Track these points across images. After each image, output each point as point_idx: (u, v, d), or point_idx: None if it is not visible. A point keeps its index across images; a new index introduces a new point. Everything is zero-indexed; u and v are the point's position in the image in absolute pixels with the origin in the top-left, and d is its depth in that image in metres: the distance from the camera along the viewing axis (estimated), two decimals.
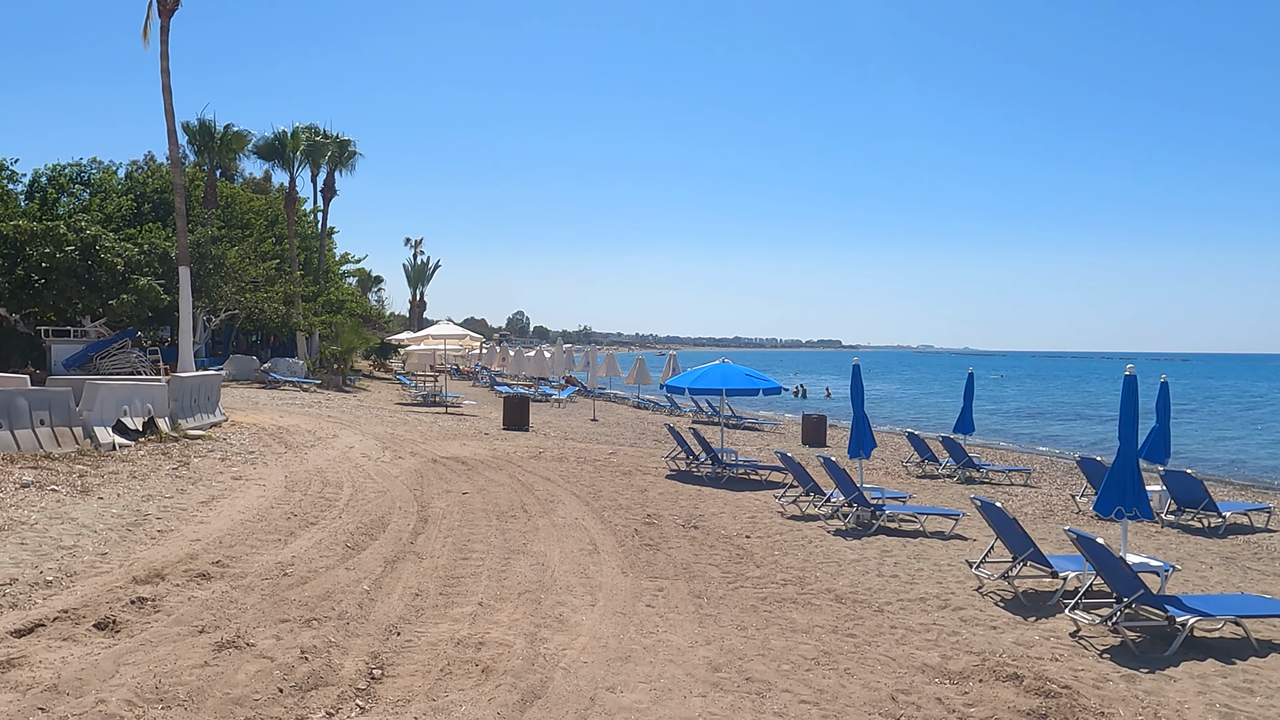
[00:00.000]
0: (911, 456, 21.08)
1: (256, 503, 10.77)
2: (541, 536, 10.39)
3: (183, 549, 8.29)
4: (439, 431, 20.96)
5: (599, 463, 17.48)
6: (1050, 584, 9.31)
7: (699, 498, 14.39)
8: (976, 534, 12.47)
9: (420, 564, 8.62)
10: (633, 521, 11.88)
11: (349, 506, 11.01)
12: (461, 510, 11.51)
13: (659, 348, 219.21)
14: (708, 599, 8.32)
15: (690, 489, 15.22)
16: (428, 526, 10.36)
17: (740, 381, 16.88)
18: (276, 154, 40.51)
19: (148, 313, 31.59)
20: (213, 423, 16.71)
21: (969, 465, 18.76)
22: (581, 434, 23.91)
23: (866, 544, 11.32)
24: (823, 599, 8.59)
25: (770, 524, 12.40)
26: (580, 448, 20.01)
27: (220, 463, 13.31)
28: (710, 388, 16.83)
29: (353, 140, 45.78)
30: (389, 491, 12.34)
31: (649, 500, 13.71)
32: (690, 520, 12.39)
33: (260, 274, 37.74)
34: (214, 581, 7.29)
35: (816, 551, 10.78)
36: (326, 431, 18.13)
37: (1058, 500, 16.56)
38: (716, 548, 10.69)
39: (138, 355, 30.79)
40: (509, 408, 23.65)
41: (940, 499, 15.86)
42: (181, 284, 30.98)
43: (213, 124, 40.17)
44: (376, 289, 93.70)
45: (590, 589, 8.32)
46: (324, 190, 45.41)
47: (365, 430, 19.41)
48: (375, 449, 16.52)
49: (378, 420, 22.24)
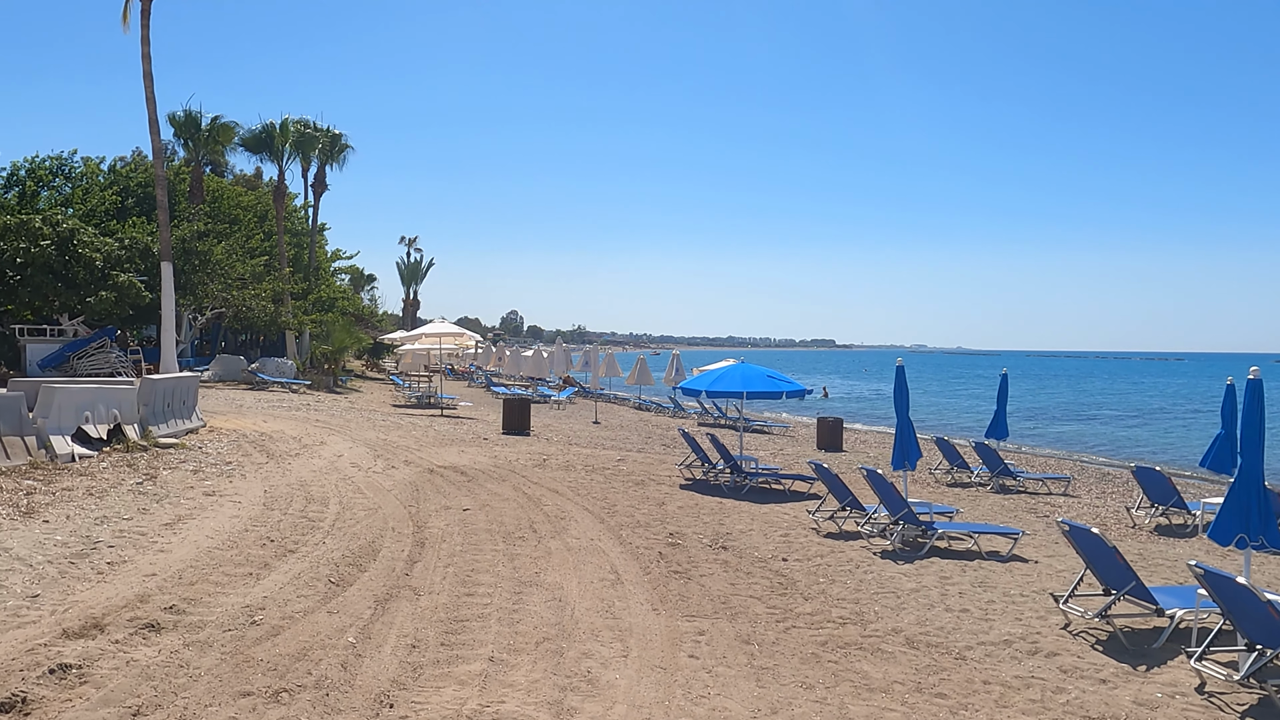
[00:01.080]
0: (939, 463, 19.79)
1: (229, 524, 9.41)
2: (555, 563, 9.07)
3: (133, 588, 6.94)
4: (435, 436, 19.61)
5: (608, 471, 16.16)
6: (1149, 621, 8.01)
7: (722, 511, 13.09)
8: (1035, 553, 11.20)
9: (417, 602, 7.28)
10: (655, 542, 10.57)
11: (335, 528, 9.66)
12: (463, 531, 10.18)
13: (653, 347, 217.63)
14: (759, 645, 7.01)
15: (710, 501, 13.92)
16: (425, 552, 9.02)
17: (762, 384, 15.58)
18: (265, 146, 39.03)
19: (129, 310, 30.15)
20: (189, 429, 15.34)
21: (1004, 473, 17.48)
22: (585, 438, 22.58)
23: (921, 569, 10.02)
24: (892, 643, 7.29)
25: (807, 544, 11.10)
26: (586, 454, 18.70)
27: (192, 475, 11.94)
28: (729, 390, 15.52)
29: (344, 133, 44.38)
30: (381, 509, 11.00)
31: (668, 515, 12.40)
32: (718, 539, 11.09)
33: (247, 271, 36.30)
34: (164, 634, 5.95)
35: (868, 579, 9.47)
36: (313, 438, 16.76)
37: (1107, 513, 15.29)
38: (754, 574, 9.38)
39: (118, 355, 29.37)
40: (509, 411, 22.31)
41: (980, 512, 14.59)
42: (164, 280, 29.55)
43: (199, 115, 38.76)
44: (370, 287, 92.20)
45: (619, 633, 7.00)
46: (314, 185, 43.96)
47: (355, 436, 18.05)
48: (366, 457, 15.16)
49: (369, 424, 20.88)
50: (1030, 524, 13.83)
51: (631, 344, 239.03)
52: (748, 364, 16.27)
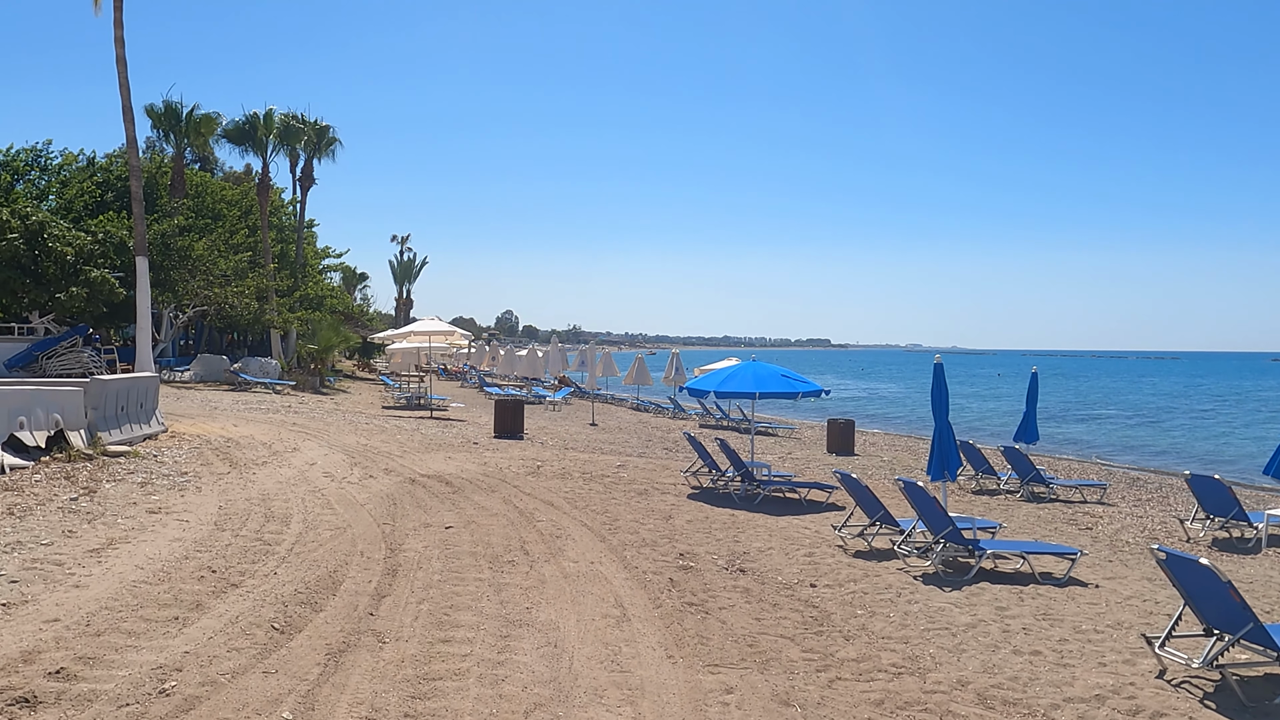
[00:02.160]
0: (962, 468, 18.47)
1: (167, 551, 8.04)
2: (550, 594, 7.72)
3: (22, 640, 5.57)
4: (421, 441, 18.24)
5: (608, 479, 14.82)
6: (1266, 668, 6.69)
7: (735, 526, 11.75)
8: (1091, 574, 9.89)
9: (380, 654, 5.93)
10: (664, 565, 9.24)
11: (293, 553, 8.30)
12: (443, 554, 8.82)
13: (649, 347, 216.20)
14: (801, 706, 5.68)
15: (721, 514, 12.58)
16: (396, 583, 7.66)
17: (775, 384, 14.25)
18: (248, 138, 37.54)
19: (102, 308, 28.71)
20: (146, 435, 13.95)
21: (1036, 480, 16.16)
22: (582, 442, 21.23)
23: (972, 597, 8.69)
24: (962, 701, 5.95)
25: (836, 565, 9.77)
26: (583, 460, 17.35)
27: (139, 489, 10.56)
28: (741, 391, 14.18)
29: (332, 126, 42.92)
30: (350, 527, 9.63)
31: (677, 531, 11.06)
32: (735, 560, 9.76)
33: (230, 267, 34.84)
34: (41, 712, 4.58)
35: (914, 610, 8.14)
36: (286, 443, 15.38)
37: (1153, 524, 13.97)
38: (781, 606, 8.05)
39: (90, 355, 27.91)
40: (501, 413, 20.95)
41: (1016, 524, 13.28)
42: (139, 276, 28.10)
43: (179, 106, 37.30)
44: (362, 286, 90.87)
45: (629, 693, 5.66)
46: (301, 179, 42.52)
47: (333, 441, 16.67)
48: (342, 466, 13.79)
49: (351, 428, 19.49)
50: (1072, 538, 12.53)
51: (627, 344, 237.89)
52: (759, 362, 14.94)
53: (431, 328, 27.19)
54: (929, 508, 9.60)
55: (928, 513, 9.65)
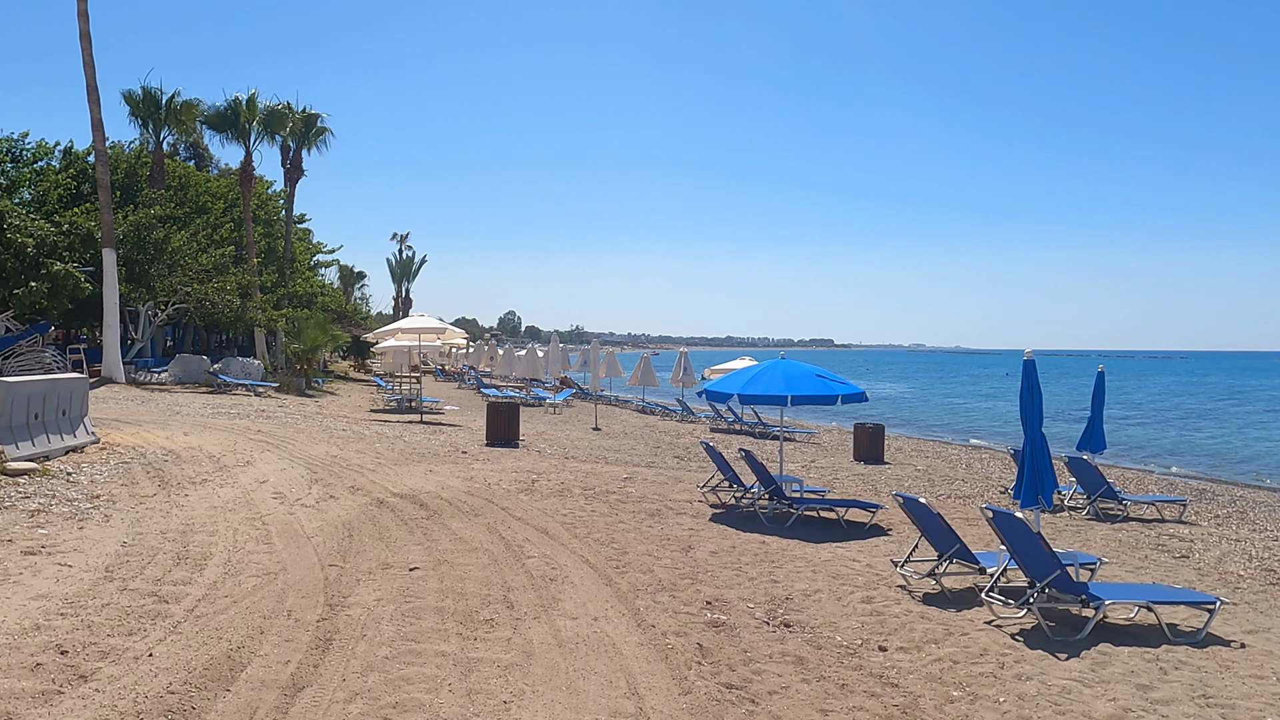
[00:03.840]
0: (1010, 479, 16.36)
1: (18, 615, 5.94)
2: (538, 677, 5.62)
3: None
4: (402, 451, 16.14)
5: (614, 497, 12.71)
6: None
7: (768, 558, 9.66)
8: (1227, 627, 7.77)
9: None
10: (688, 619, 7.14)
11: (192, 616, 6.19)
12: (400, 611, 6.71)
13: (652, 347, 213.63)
14: None
15: (750, 541, 10.48)
16: (325, 664, 5.56)
17: (810, 386, 12.14)
18: (230, 124, 35.41)
19: (66, 304, 26.62)
20: (68, 447, 11.86)
21: (1108, 495, 14.03)
22: (585, 449, 19.13)
23: (1099, 667, 6.58)
24: None
25: (905, 616, 7.66)
26: (585, 471, 15.25)
27: (26, 520, 8.45)
28: (770, 394, 12.06)
29: (322, 115, 40.79)
30: (285, 571, 7.52)
31: (700, 567, 8.96)
32: (776, 609, 7.67)
33: (210, 261, 32.74)
34: None
35: (1029, 691, 6.03)
36: (240, 456, 13.27)
37: (1261, 551, 11.82)
38: (850, 686, 5.96)
39: (53, 355, 25.83)
40: (493, 418, 18.84)
41: (1097, 552, 11.17)
42: (105, 270, 26.15)
43: (159, 92, 35.21)
44: (360, 285, 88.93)
45: None
46: (289, 170, 40.39)
47: (298, 451, 14.56)
48: (299, 483, 11.68)
49: (324, 435, 17.38)
50: (1172, 570, 10.43)
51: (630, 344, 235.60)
52: (788, 360, 12.82)
53: (421, 324, 25.10)
54: (1029, 545, 7.47)
55: (1026, 551, 7.53)
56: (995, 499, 15.44)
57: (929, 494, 15.94)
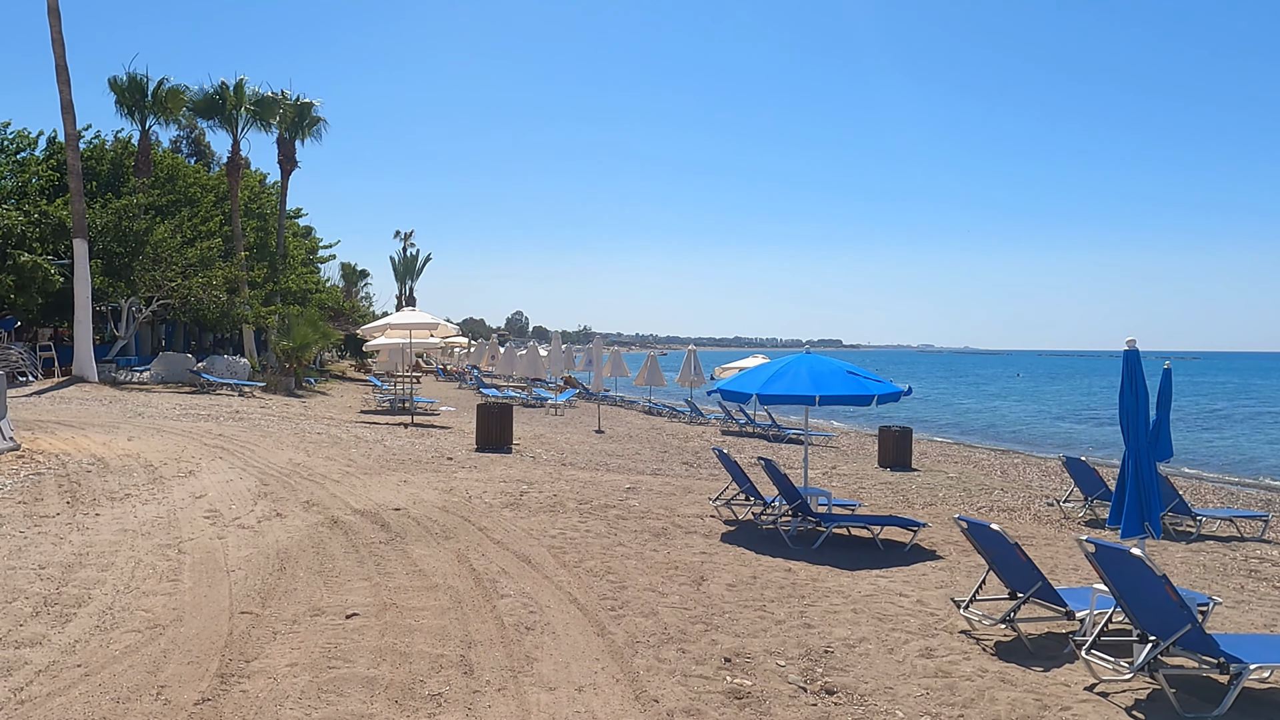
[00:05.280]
0: (1071, 492, 14.60)
1: None
2: None
3: None
4: (379, 457, 14.47)
5: (613, 512, 11.01)
6: None
7: (797, 591, 7.94)
8: None
9: None
10: (702, 688, 5.44)
11: (18, 698, 4.50)
12: (316, 685, 5.01)
13: (660, 347, 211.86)
14: None
15: (773, 568, 8.77)
16: None
17: (841, 384, 10.41)
18: (217, 110, 33.81)
19: (36, 298, 25.02)
20: None
21: (1180, 509, 12.27)
22: (584, 454, 17.44)
23: None
24: None
25: (978, 676, 5.95)
26: (583, 480, 13.56)
27: None
28: (793, 394, 10.33)
29: (315, 104, 39.17)
30: (179, 621, 5.83)
31: (715, 605, 7.26)
32: (813, 666, 5.98)
33: (195, 255, 31.10)
34: None
35: None
36: (184, 464, 11.59)
37: None
38: None
39: (20, 352, 24.29)
40: (484, 421, 17.14)
41: (1178, 579, 9.44)
42: (77, 261, 24.55)
43: (145, 79, 33.65)
44: (363, 284, 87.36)
45: None
46: (281, 161, 38.79)
47: (257, 458, 12.88)
48: (244, 498, 9.99)
49: (295, 439, 15.71)
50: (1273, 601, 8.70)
51: (638, 344, 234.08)
52: (815, 355, 11.09)
53: (412, 319, 23.40)
54: (1147, 591, 5.73)
55: (1143, 598, 5.78)
56: (1042, 513, 13.70)
57: (968, 505, 14.22)
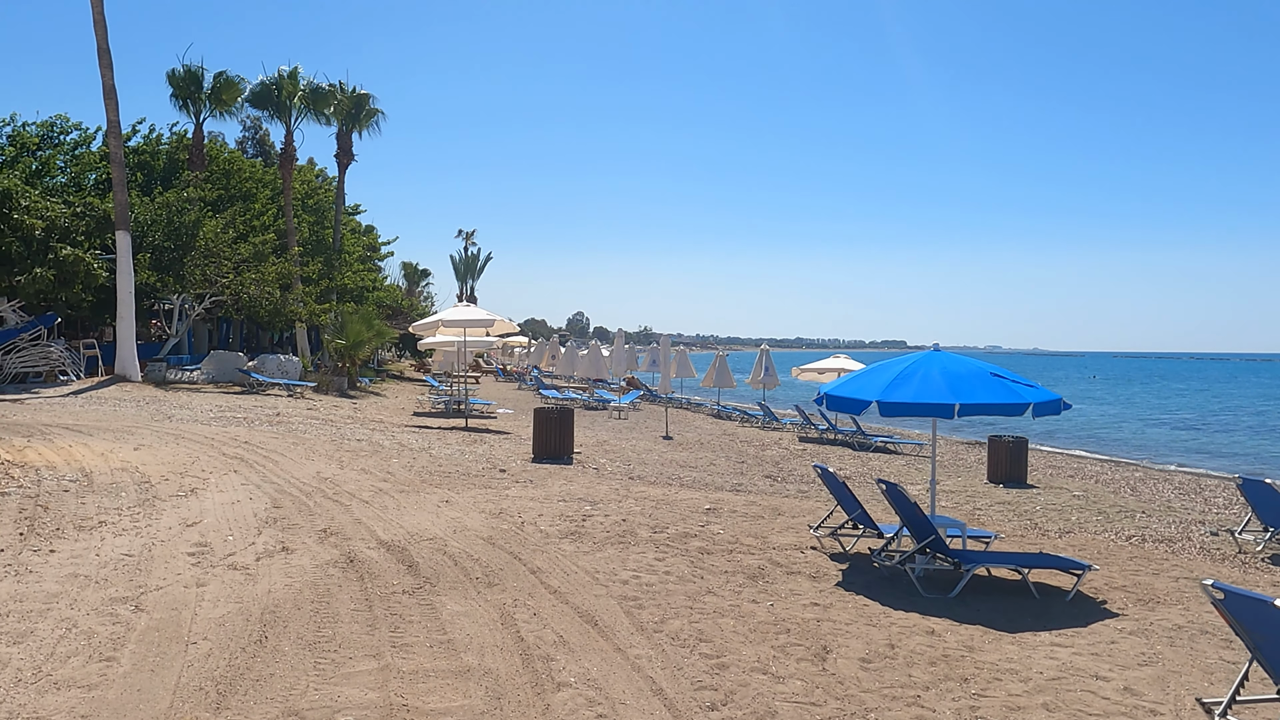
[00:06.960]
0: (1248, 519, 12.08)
1: None
2: None
3: None
4: (423, 468, 12.69)
5: (695, 542, 9.00)
6: None
7: (952, 667, 5.84)
8: None
9: None
10: None
11: None
12: None
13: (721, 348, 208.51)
14: None
15: (911, 627, 6.66)
16: None
17: (986, 390, 8.24)
18: (270, 101, 32.70)
19: (81, 293, 23.95)
20: None
21: None
22: (654, 465, 15.47)
23: None
24: None
25: None
26: (655, 499, 11.57)
27: None
28: (928, 402, 8.19)
29: (372, 95, 37.87)
30: None
31: (849, 695, 5.21)
32: None
33: (248, 250, 29.97)
34: None
35: None
36: (189, 479, 9.90)
37: None
38: None
39: (61, 349, 23.20)
40: (541, 427, 15.27)
41: None
42: (119, 255, 23.39)
43: (200, 72, 32.72)
44: (425, 283, 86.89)
45: None
46: (338, 154, 37.62)
47: (278, 472, 11.14)
48: (248, 524, 8.21)
49: (331, 448, 14.01)
50: None
51: (699, 345, 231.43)
52: (948, 354, 8.93)
53: (466, 315, 21.70)
54: None
55: None
56: (1209, 544, 11.27)
57: (1113, 534, 11.85)
